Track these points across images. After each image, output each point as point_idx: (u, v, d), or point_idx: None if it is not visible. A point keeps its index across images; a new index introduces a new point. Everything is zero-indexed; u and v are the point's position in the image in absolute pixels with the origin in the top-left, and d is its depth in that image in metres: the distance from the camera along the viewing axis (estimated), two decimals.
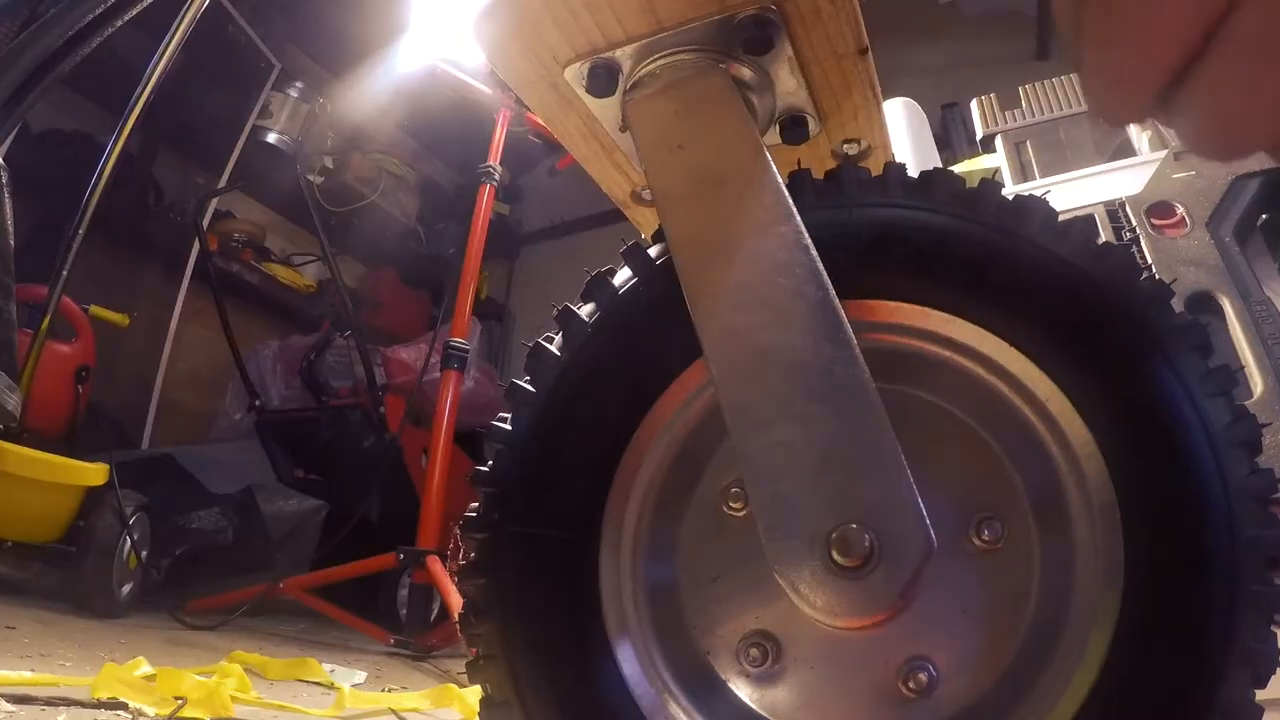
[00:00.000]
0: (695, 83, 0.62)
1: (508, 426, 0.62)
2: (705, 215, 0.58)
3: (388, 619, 2.19)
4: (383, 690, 1.53)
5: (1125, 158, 1.44)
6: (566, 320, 0.62)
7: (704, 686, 0.59)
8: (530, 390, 0.62)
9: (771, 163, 0.58)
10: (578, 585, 0.59)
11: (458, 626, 1.71)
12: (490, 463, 0.62)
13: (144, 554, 1.95)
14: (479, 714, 0.63)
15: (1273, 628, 0.52)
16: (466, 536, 0.61)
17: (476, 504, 0.62)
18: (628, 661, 0.59)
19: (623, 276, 0.63)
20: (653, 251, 0.63)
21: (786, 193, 0.57)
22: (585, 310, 0.62)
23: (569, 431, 0.61)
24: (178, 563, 2.21)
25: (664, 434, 0.60)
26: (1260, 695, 0.52)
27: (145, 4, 1.57)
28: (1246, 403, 0.87)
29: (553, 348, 0.62)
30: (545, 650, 0.59)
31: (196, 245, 3.01)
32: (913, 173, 0.60)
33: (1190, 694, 0.49)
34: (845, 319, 0.54)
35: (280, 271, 3.53)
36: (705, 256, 0.57)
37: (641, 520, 0.60)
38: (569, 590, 0.60)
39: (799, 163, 0.67)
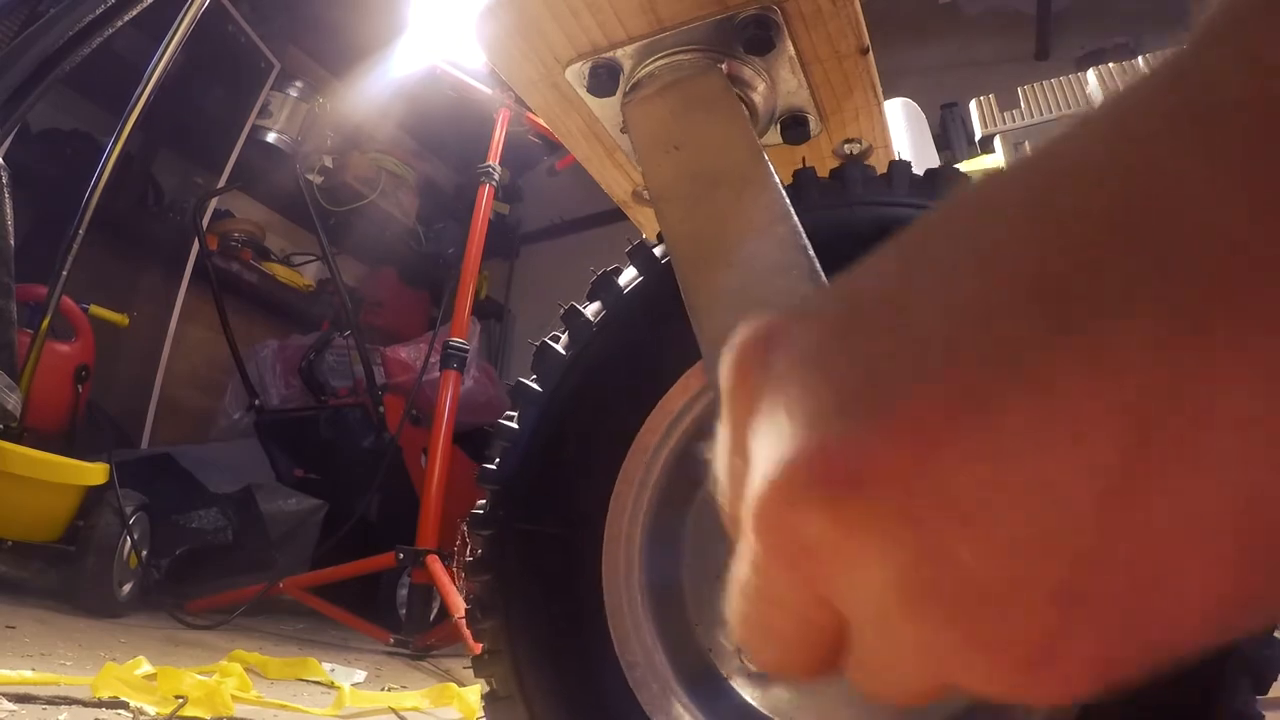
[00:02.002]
0: (692, 83, 0.63)
1: (513, 425, 0.62)
2: (702, 216, 0.58)
3: (387, 618, 2.19)
4: (382, 689, 1.53)
5: None
6: (572, 319, 0.63)
7: (705, 684, 0.60)
8: (536, 389, 0.62)
9: (769, 162, 0.58)
10: (581, 582, 0.60)
11: (460, 624, 1.71)
12: (497, 461, 0.62)
13: (144, 553, 1.95)
14: (484, 709, 0.63)
15: (1275, 633, 0.52)
16: (473, 533, 0.62)
17: (483, 501, 0.63)
18: (630, 658, 0.59)
19: (628, 276, 0.63)
20: (657, 251, 0.63)
21: (783, 192, 0.57)
22: (590, 309, 0.63)
23: (573, 430, 0.61)
24: (178, 562, 2.21)
25: (667, 432, 0.61)
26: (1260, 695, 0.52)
27: (146, 4, 1.57)
28: None
29: (558, 347, 0.63)
30: (548, 646, 0.59)
31: (196, 245, 3.00)
32: (917, 171, 0.61)
33: (1189, 700, 0.49)
34: None
35: (280, 271, 3.52)
36: (702, 257, 0.57)
37: (645, 518, 0.61)
38: (572, 587, 0.60)
39: (803, 161, 0.67)
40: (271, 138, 3.34)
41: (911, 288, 0.18)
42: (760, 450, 0.19)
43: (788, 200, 0.57)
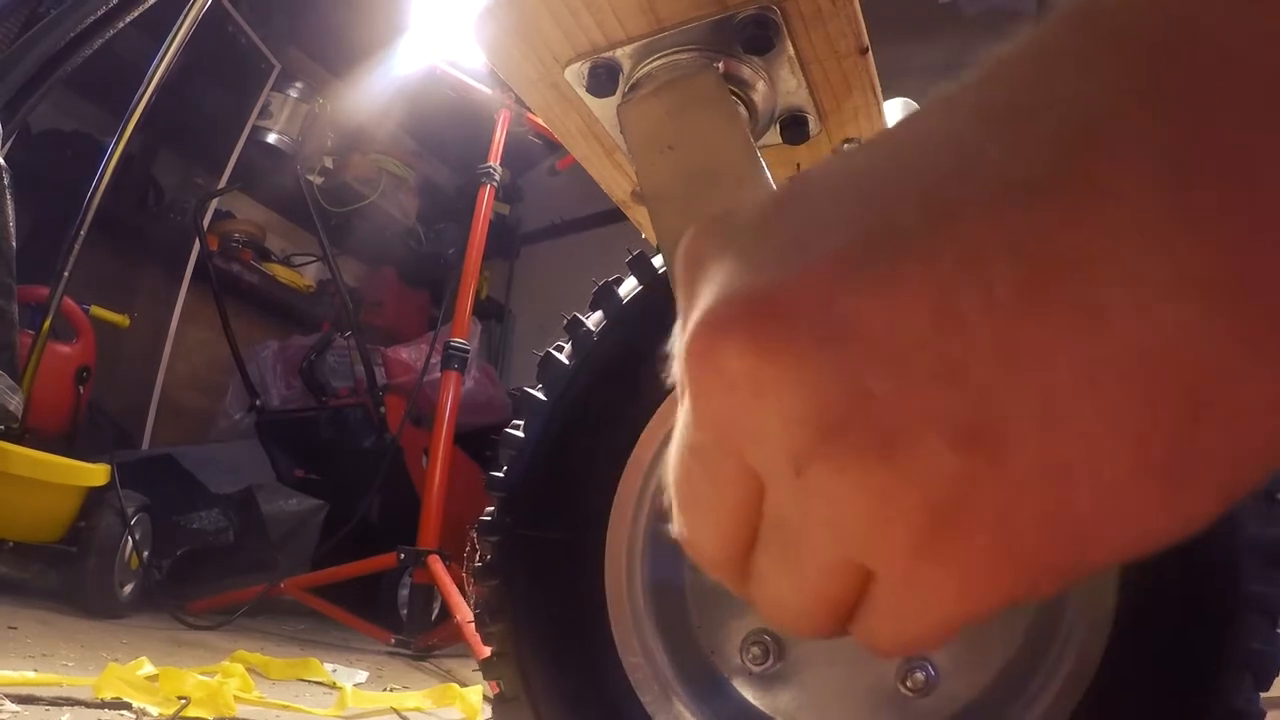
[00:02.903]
0: (686, 83, 0.62)
1: (519, 434, 0.63)
2: (695, 215, 0.58)
3: (388, 619, 2.20)
4: (384, 690, 1.53)
5: None
6: (574, 329, 0.63)
7: (707, 684, 0.60)
8: (540, 398, 0.63)
9: (762, 161, 0.58)
10: (585, 586, 0.60)
11: (461, 624, 1.70)
12: (504, 468, 0.63)
13: (145, 554, 1.95)
14: (491, 709, 0.63)
15: (1277, 629, 0.51)
16: (481, 539, 0.62)
17: (491, 507, 0.63)
18: (632, 659, 0.59)
19: (628, 285, 0.64)
20: (656, 261, 0.64)
21: None
22: (593, 319, 0.63)
23: (576, 437, 0.62)
24: (179, 563, 2.21)
25: (667, 439, 0.61)
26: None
27: (147, 5, 1.57)
28: None
29: (562, 357, 0.63)
30: (553, 648, 0.60)
31: (197, 245, 3.01)
32: None
33: (1188, 695, 0.49)
34: None
35: (280, 271, 3.53)
36: None
37: (646, 522, 0.61)
38: (576, 591, 0.60)
39: (797, 166, 0.67)
40: (272, 138, 3.34)
41: (837, 173, 0.20)
42: (697, 305, 0.19)
43: None
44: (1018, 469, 0.16)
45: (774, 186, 0.57)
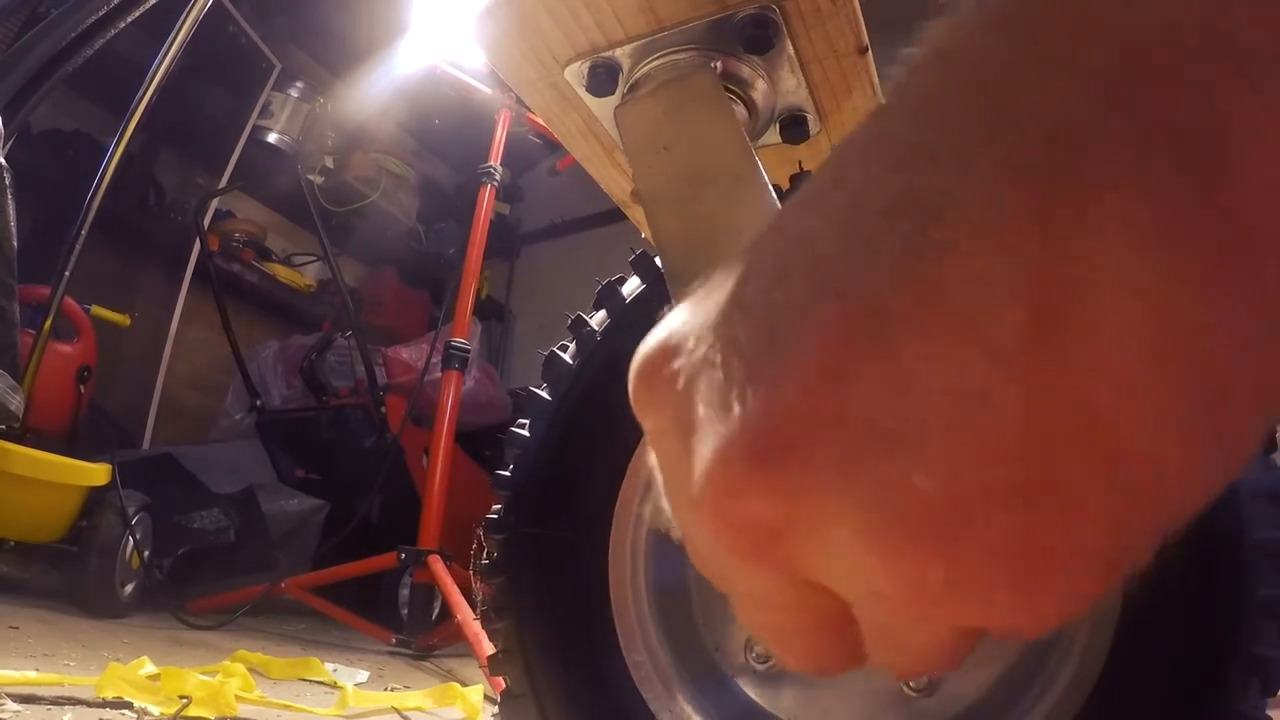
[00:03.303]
0: (683, 83, 0.62)
1: (525, 433, 0.63)
2: (691, 215, 0.58)
3: (389, 618, 2.20)
4: (385, 689, 1.53)
5: None
6: (578, 328, 0.63)
7: (710, 682, 0.60)
8: (545, 398, 0.63)
9: (758, 162, 0.58)
10: (589, 584, 0.60)
11: (462, 624, 1.70)
12: (510, 467, 0.63)
13: (146, 554, 1.95)
14: (499, 706, 0.64)
15: None
16: (487, 537, 0.63)
17: (497, 506, 0.64)
18: (635, 657, 0.59)
19: (631, 285, 0.64)
20: (659, 260, 0.64)
21: (773, 191, 0.57)
22: (596, 319, 0.63)
23: (581, 436, 0.62)
24: (180, 562, 2.22)
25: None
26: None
27: (148, 5, 1.57)
28: None
29: (566, 356, 0.63)
30: (557, 646, 0.60)
31: (197, 245, 3.01)
32: None
33: (1193, 700, 0.49)
34: None
35: (281, 271, 3.53)
36: (690, 257, 0.57)
37: (650, 521, 0.61)
38: (580, 589, 0.60)
39: (800, 165, 0.67)
40: (272, 138, 3.34)
41: (776, 262, 0.18)
42: (686, 462, 0.18)
43: (776, 198, 0.57)
44: (1091, 503, 0.15)
45: (770, 186, 0.57)
